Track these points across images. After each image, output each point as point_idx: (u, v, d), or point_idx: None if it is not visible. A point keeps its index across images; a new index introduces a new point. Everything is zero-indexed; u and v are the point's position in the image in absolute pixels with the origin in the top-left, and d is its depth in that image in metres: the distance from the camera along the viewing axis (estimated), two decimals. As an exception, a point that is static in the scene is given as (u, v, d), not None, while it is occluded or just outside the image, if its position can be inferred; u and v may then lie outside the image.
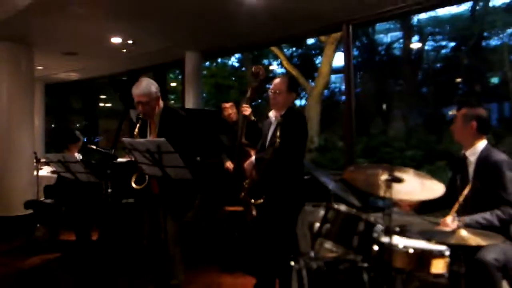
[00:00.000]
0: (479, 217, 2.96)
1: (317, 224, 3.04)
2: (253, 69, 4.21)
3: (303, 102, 14.27)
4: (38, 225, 6.49)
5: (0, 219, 6.91)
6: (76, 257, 5.33)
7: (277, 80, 3.82)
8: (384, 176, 2.72)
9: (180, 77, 9.83)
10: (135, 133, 3.72)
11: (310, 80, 13.90)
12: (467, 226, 2.77)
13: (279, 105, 3.76)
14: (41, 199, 6.10)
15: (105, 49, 7.43)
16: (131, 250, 4.97)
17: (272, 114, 3.86)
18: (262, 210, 3.68)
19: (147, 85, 3.77)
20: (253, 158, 3.76)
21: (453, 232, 2.62)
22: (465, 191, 2.99)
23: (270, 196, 3.60)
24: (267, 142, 3.78)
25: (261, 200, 3.59)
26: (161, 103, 3.89)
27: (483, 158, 3.13)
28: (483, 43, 13.19)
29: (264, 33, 6.65)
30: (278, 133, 3.50)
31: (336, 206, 3.02)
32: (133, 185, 3.67)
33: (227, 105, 5.34)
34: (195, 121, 4.01)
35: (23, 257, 5.65)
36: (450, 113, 12.42)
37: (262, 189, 3.60)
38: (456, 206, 2.97)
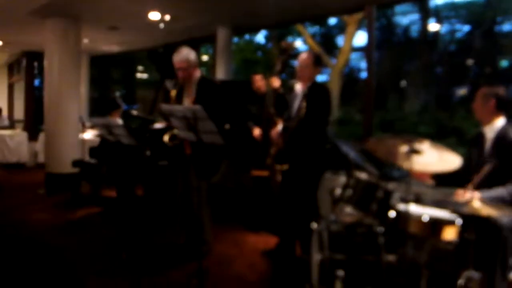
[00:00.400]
0: (492, 192, 2.87)
1: (338, 190, 3.01)
2: (282, 44, 4.14)
3: (325, 78, 14.12)
4: (83, 182, 6.64)
5: (51, 176, 7.06)
6: (116, 211, 5.42)
7: (303, 55, 3.74)
8: (404, 147, 2.65)
9: (211, 51, 9.73)
10: (171, 96, 3.72)
11: (332, 57, 13.70)
12: (482, 201, 2.70)
13: (305, 77, 3.69)
14: (86, 159, 6.19)
15: (144, 24, 7.37)
16: (166, 207, 5.03)
17: (298, 86, 3.80)
18: (286, 175, 3.66)
19: (187, 53, 3.82)
20: (279, 126, 3.71)
21: (467, 202, 2.54)
22: (485, 170, 2.87)
23: (294, 162, 3.56)
24: (293, 113, 3.72)
25: (286, 166, 3.56)
26: (198, 72, 3.89)
27: (501, 135, 3.01)
28: (496, 28, 12.79)
29: (291, 11, 6.49)
30: (304, 104, 3.44)
31: (357, 173, 2.98)
32: (166, 140, 3.68)
33: (258, 77, 5.26)
34: (227, 90, 3.97)
35: (70, 209, 5.77)
36: (461, 92, 12.18)
37: (287, 156, 3.57)
38: (473, 182, 2.87)
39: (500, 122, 3.05)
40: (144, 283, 3.42)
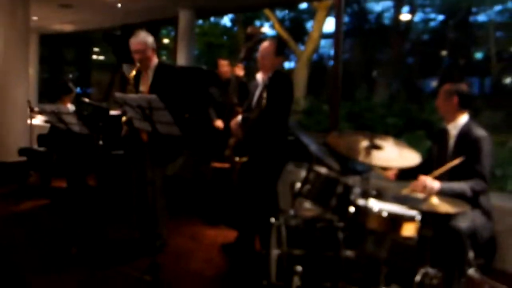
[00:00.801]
0: (455, 185, 3.02)
1: (298, 184, 3.10)
2: (248, 29, 4.19)
3: (292, 65, 14.21)
4: (31, 171, 6.52)
5: (-5, 164, 6.89)
6: (66, 203, 5.37)
7: (265, 43, 3.79)
8: (364, 143, 2.76)
9: (173, 34, 9.67)
10: (130, 81, 3.73)
11: (300, 44, 13.79)
12: (442, 189, 2.84)
13: (266, 67, 3.74)
14: (34, 147, 6.08)
15: (100, 2, 7.27)
16: (120, 199, 5.03)
17: (259, 76, 3.85)
18: (245, 167, 3.72)
19: (144, 36, 3.86)
20: (239, 117, 3.76)
21: (425, 199, 2.67)
22: (451, 164, 3.02)
23: (254, 154, 3.62)
24: (254, 103, 3.78)
25: (245, 158, 3.62)
26: (155, 58, 3.92)
27: (464, 132, 3.16)
28: (471, 19, 13.14)
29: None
30: (264, 95, 3.51)
31: (317, 168, 3.08)
32: (124, 124, 3.69)
33: (224, 62, 5.31)
34: (187, 77, 4.00)
35: (16, 201, 5.67)
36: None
37: (247, 147, 3.63)
38: (437, 172, 3.01)
39: (463, 119, 3.21)
40: (95, 280, 3.43)
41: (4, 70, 6.85)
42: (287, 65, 16.18)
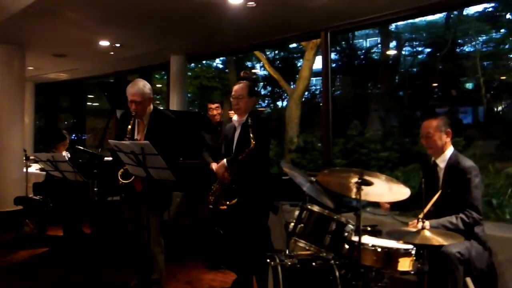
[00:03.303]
0: (444, 220, 3.05)
1: (292, 224, 3.13)
2: (241, 74, 4.29)
3: (285, 103, 14.39)
4: (27, 220, 6.50)
5: (-10, 214, 6.85)
6: (63, 251, 5.34)
7: (237, 86, 3.87)
8: (354, 179, 2.80)
9: (165, 78, 9.83)
10: (128, 130, 3.74)
11: (291, 83, 14.01)
12: (433, 228, 2.87)
13: (241, 109, 3.82)
14: (30, 195, 6.08)
15: (93, 51, 7.42)
16: (116, 246, 5.00)
17: (235, 118, 3.93)
18: (235, 209, 3.72)
19: (142, 86, 3.81)
20: (224, 160, 3.79)
21: (418, 232, 2.69)
22: (434, 198, 3.06)
23: (243, 195, 3.65)
24: (234, 145, 3.84)
25: (235, 200, 3.64)
26: (151, 106, 3.93)
27: (452, 164, 3.21)
28: (457, 50, 13.42)
29: (247, 38, 6.70)
30: (252, 135, 3.58)
31: (309, 206, 3.11)
32: (120, 179, 3.70)
33: (213, 105, 5.37)
34: (181, 123, 4.05)
35: (12, 251, 5.64)
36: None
37: (236, 189, 3.66)
38: (424, 211, 3.05)
39: (449, 151, 3.27)
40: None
41: (0, 119, 6.92)
42: (280, 103, 16.45)
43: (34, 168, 7.17)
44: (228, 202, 3.64)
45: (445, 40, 12.92)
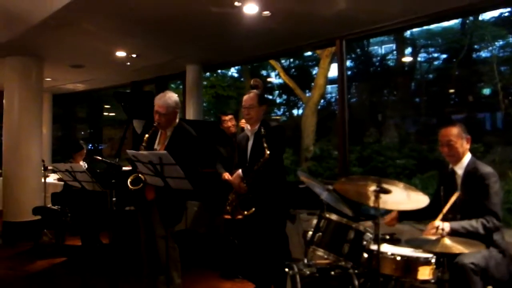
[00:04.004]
0: (465, 223, 3.01)
1: (310, 233, 3.12)
2: (252, 82, 4.33)
3: (300, 111, 14.38)
4: (45, 230, 6.57)
5: (9, 224, 6.96)
6: (81, 261, 5.39)
7: (246, 96, 3.92)
8: (372, 187, 2.79)
9: (181, 87, 9.91)
10: (144, 139, 3.79)
11: (307, 91, 14.00)
12: (453, 230, 2.83)
13: (253, 119, 3.86)
14: (48, 205, 6.16)
15: (110, 62, 7.51)
16: (133, 255, 5.03)
17: (248, 128, 3.94)
18: (253, 219, 3.72)
19: (168, 98, 3.86)
20: (239, 171, 3.81)
21: (438, 240, 2.67)
22: (452, 199, 3.03)
23: (260, 204, 3.65)
24: (248, 155, 3.85)
25: (252, 210, 3.65)
26: (177, 118, 3.97)
27: (470, 171, 3.18)
28: (474, 55, 13.30)
29: (262, 47, 6.73)
30: (265, 145, 3.59)
31: (327, 215, 3.10)
32: (129, 185, 3.73)
33: (227, 117, 5.32)
34: (201, 139, 4.07)
35: (31, 261, 5.70)
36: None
37: (252, 199, 3.67)
38: (441, 214, 3.02)
39: (467, 157, 3.24)
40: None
41: (19, 130, 7.04)
42: (295, 112, 16.44)
43: (52, 178, 7.27)
44: (245, 212, 3.65)
45: (461, 45, 12.81)
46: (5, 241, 6.80)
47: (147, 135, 3.82)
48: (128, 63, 7.62)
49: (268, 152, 3.56)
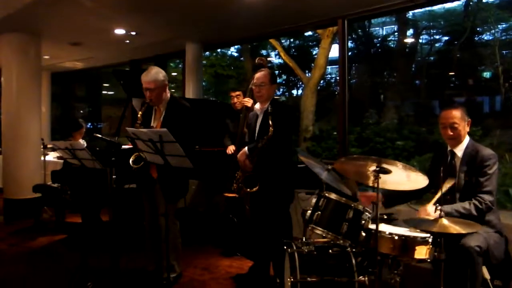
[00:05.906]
0: (458, 205, 3.05)
1: (309, 211, 3.15)
2: (256, 61, 4.32)
3: (300, 92, 14.34)
4: (45, 207, 6.61)
5: (10, 201, 6.98)
6: (81, 238, 5.43)
7: (259, 74, 3.90)
8: (372, 167, 2.81)
9: (180, 66, 9.86)
10: (138, 117, 3.79)
11: (307, 71, 13.95)
12: (447, 214, 2.86)
13: (264, 97, 3.86)
14: (48, 183, 6.18)
15: (109, 40, 7.46)
16: (133, 232, 5.08)
17: (257, 106, 3.95)
18: (257, 197, 3.76)
19: (155, 73, 3.86)
20: (245, 148, 3.82)
21: (435, 220, 2.70)
22: (446, 186, 3.06)
23: (264, 183, 3.67)
24: (256, 133, 3.86)
25: (256, 188, 3.66)
26: (167, 93, 3.98)
27: (470, 153, 3.19)
28: (476, 38, 13.22)
29: (263, 26, 6.68)
30: (270, 122, 3.59)
31: (327, 194, 3.12)
32: (131, 164, 3.75)
33: (234, 94, 5.39)
34: (198, 111, 4.08)
35: (32, 238, 5.75)
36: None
37: (257, 177, 3.68)
38: (437, 196, 3.04)
39: (466, 140, 3.25)
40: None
41: (18, 108, 7.01)
42: (294, 92, 16.41)
43: (51, 156, 7.27)
44: (249, 190, 3.67)
45: (464, 28, 12.72)
46: (6, 219, 6.84)
47: (140, 113, 3.83)
48: (127, 41, 7.57)
49: (272, 130, 3.56)
